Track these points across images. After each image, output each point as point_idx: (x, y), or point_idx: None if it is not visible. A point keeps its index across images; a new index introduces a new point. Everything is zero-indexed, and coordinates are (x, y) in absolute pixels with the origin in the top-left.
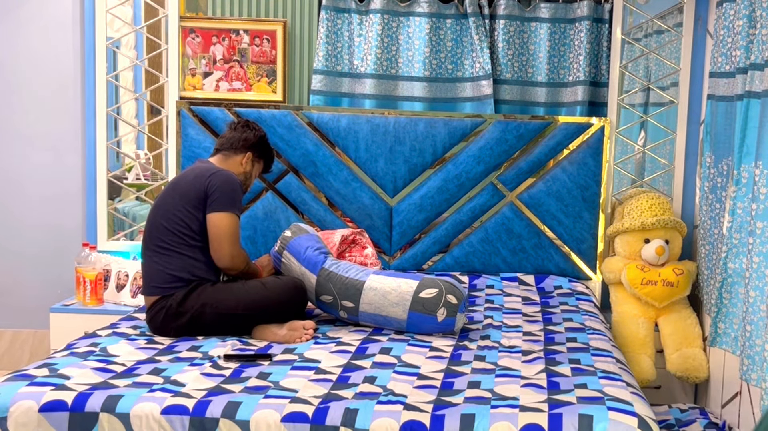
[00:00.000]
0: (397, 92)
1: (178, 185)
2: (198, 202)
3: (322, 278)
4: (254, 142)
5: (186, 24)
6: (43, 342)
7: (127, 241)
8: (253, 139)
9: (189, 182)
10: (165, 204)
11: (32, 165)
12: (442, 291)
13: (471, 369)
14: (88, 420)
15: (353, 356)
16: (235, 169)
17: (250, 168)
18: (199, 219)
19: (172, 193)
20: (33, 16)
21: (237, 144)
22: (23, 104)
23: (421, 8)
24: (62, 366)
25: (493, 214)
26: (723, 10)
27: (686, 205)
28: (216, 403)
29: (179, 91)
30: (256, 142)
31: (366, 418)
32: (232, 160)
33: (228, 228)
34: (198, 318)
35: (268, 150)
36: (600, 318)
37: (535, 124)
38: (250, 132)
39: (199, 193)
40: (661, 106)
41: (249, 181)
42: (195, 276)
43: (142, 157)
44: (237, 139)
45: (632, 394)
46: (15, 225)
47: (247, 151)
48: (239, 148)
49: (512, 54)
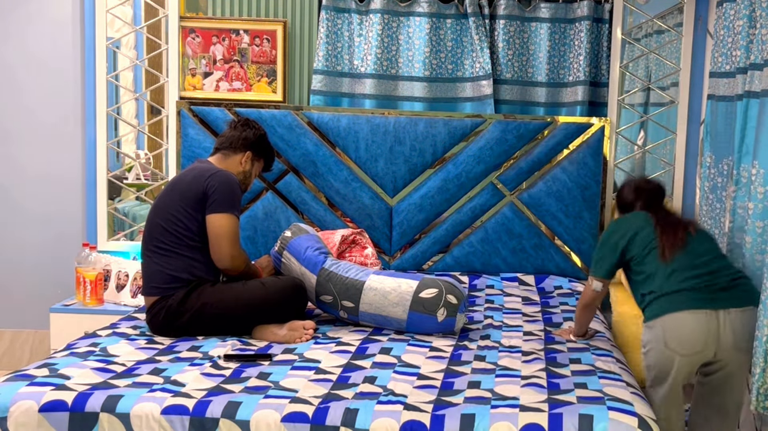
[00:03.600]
0: (397, 92)
1: (177, 185)
2: (196, 202)
3: (322, 278)
4: (254, 140)
5: (186, 24)
6: (43, 342)
7: (127, 241)
8: (253, 137)
9: (187, 182)
10: (163, 204)
11: (32, 165)
12: (442, 291)
13: (471, 369)
14: (88, 420)
15: (353, 356)
16: (235, 168)
17: (249, 167)
18: (198, 220)
19: (170, 194)
20: (33, 16)
21: (236, 143)
22: (23, 104)
23: (421, 8)
24: (62, 366)
25: (493, 214)
26: (723, 10)
27: (686, 205)
28: (216, 403)
29: (179, 91)
30: (255, 140)
31: (366, 418)
32: (231, 159)
33: (227, 229)
34: (198, 318)
35: (268, 149)
36: (600, 319)
37: (535, 124)
38: (249, 131)
39: (198, 193)
40: (661, 106)
41: (249, 179)
42: (194, 276)
43: (142, 157)
44: (236, 138)
45: (632, 394)
46: (15, 226)
47: (246, 151)
48: (238, 147)
49: (512, 54)
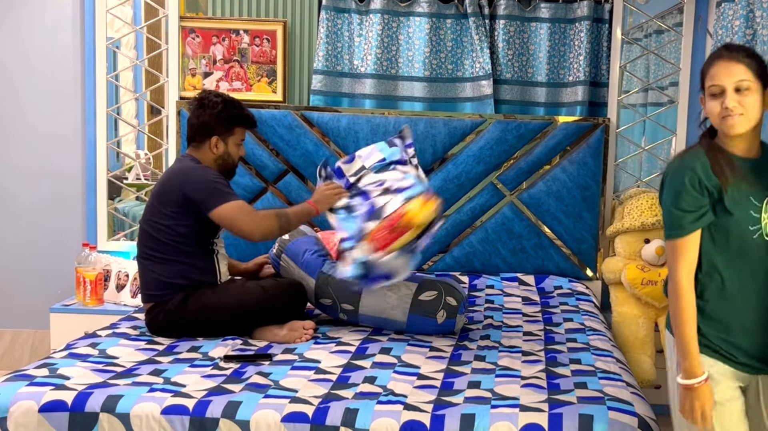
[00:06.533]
0: (397, 92)
1: (157, 191)
2: (180, 206)
3: (321, 282)
4: (213, 122)
5: (186, 24)
6: (43, 342)
7: (127, 241)
8: (210, 119)
9: (165, 188)
10: (148, 211)
11: (32, 165)
12: (442, 294)
13: (471, 369)
14: (88, 420)
15: (353, 356)
16: (210, 156)
17: (224, 147)
18: (189, 224)
19: (153, 200)
20: (33, 16)
21: (199, 132)
22: (23, 104)
23: (421, 8)
24: (62, 366)
25: (493, 214)
26: (722, 10)
27: None
28: (216, 403)
29: (179, 91)
30: (214, 121)
31: (366, 418)
32: (203, 149)
33: (233, 215)
34: (198, 322)
35: (233, 118)
36: (600, 318)
37: (535, 124)
38: (204, 113)
39: (178, 197)
40: (661, 106)
41: (230, 158)
42: (191, 281)
43: (142, 157)
44: (196, 126)
45: (632, 394)
46: (15, 225)
47: (210, 136)
48: (202, 135)
49: (512, 54)
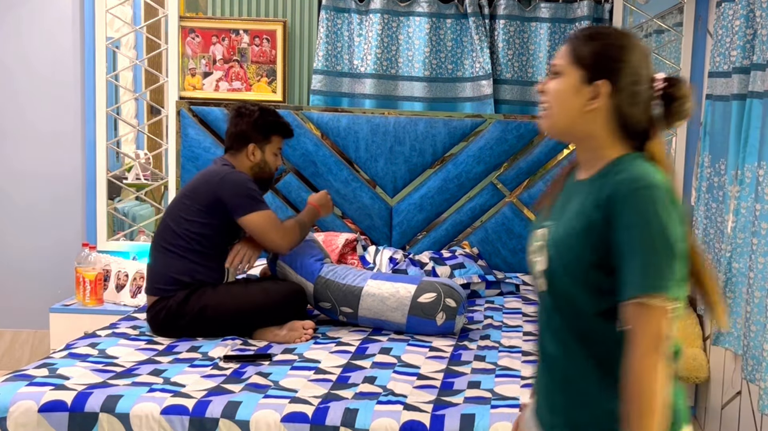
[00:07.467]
0: (397, 92)
1: (189, 188)
2: (211, 208)
3: (319, 286)
4: (250, 130)
5: (186, 24)
6: (43, 342)
7: (127, 241)
8: (247, 128)
9: (198, 186)
10: (176, 206)
11: (32, 165)
12: (441, 295)
13: (471, 369)
14: (87, 420)
15: (353, 356)
16: (246, 164)
17: (260, 155)
18: (213, 225)
19: (182, 196)
20: (33, 16)
21: (236, 140)
22: (23, 104)
23: (421, 8)
24: (62, 366)
25: (493, 214)
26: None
27: (685, 205)
28: (216, 403)
29: (179, 91)
30: (252, 129)
31: (366, 418)
32: (240, 156)
33: (263, 226)
34: (198, 321)
35: (270, 126)
36: None
37: (535, 124)
38: (242, 122)
39: (211, 199)
40: None
41: (267, 166)
42: (195, 279)
43: (142, 157)
44: (233, 135)
45: None
46: (14, 226)
47: (247, 144)
48: (240, 143)
49: (512, 54)
